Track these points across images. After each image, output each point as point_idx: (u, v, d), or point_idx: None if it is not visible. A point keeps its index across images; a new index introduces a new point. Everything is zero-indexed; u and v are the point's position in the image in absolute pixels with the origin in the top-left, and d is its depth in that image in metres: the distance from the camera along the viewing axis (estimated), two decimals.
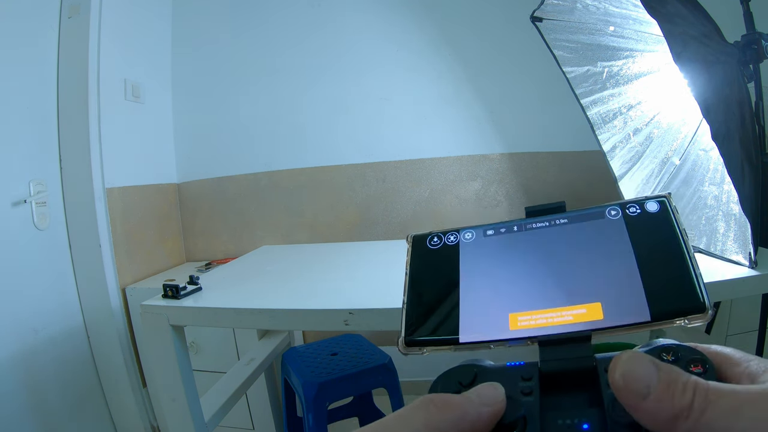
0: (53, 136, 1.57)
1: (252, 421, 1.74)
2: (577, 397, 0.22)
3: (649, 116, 1.15)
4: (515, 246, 0.29)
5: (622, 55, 1.13)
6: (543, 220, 0.29)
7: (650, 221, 0.27)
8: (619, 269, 0.25)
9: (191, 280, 1.11)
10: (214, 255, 2.05)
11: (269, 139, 1.98)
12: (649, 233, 0.26)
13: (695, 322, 0.23)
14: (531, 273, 0.27)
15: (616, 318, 0.24)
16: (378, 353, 1.30)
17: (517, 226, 0.30)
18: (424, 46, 1.86)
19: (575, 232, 0.28)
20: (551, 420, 0.21)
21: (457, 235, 0.31)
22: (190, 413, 1.05)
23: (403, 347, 0.27)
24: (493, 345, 0.25)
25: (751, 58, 0.90)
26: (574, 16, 1.13)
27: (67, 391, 1.51)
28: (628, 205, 0.28)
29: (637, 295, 0.24)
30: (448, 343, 0.26)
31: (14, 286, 1.38)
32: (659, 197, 0.28)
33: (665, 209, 0.27)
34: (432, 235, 0.31)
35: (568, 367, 0.23)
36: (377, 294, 1.01)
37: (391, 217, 1.91)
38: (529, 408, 0.21)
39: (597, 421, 0.20)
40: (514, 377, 0.23)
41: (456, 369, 0.24)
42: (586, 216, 0.29)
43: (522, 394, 0.22)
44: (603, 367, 0.22)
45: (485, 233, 0.30)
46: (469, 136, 1.86)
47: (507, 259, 0.28)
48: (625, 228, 0.27)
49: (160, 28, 1.98)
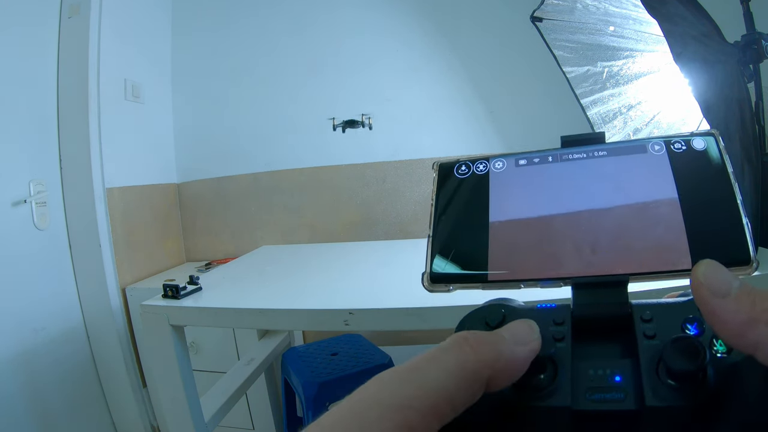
0: (53, 136, 1.57)
1: (252, 421, 1.74)
2: (610, 346, 0.21)
3: (649, 116, 1.15)
4: (549, 178, 0.27)
5: (622, 55, 1.13)
6: (580, 151, 0.27)
7: (697, 159, 0.25)
8: (660, 210, 0.24)
9: (191, 280, 1.11)
10: (214, 255, 2.05)
11: (269, 139, 1.98)
12: (696, 172, 0.24)
13: (739, 275, 0.21)
14: (566, 209, 0.25)
15: (655, 263, 0.22)
16: (378, 353, 1.30)
17: (552, 156, 0.27)
18: (425, 45, 1.86)
19: (615, 165, 0.26)
20: (583, 369, 0.20)
21: (487, 164, 0.28)
22: (190, 413, 1.04)
23: (429, 283, 0.26)
24: (524, 284, 0.24)
25: (751, 58, 0.90)
26: (574, 16, 1.13)
27: (67, 391, 1.51)
28: (674, 140, 0.26)
29: (679, 240, 0.22)
30: (476, 280, 0.25)
31: (14, 286, 1.38)
32: (708, 133, 0.25)
33: (713, 148, 0.25)
34: (460, 163, 0.29)
35: (602, 312, 0.22)
36: (377, 294, 1.01)
37: (391, 217, 1.91)
38: (560, 354, 0.20)
39: (630, 374, 0.19)
40: (545, 320, 0.22)
41: (483, 308, 0.23)
42: (628, 149, 0.26)
43: (554, 339, 0.21)
44: (639, 315, 0.21)
45: (517, 163, 0.28)
46: (470, 136, 1.86)
47: (540, 193, 0.26)
48: (669, 164, 0.25)
49: (160, 28, 1.98)
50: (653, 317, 0.21)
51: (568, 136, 0.28)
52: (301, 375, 1.20)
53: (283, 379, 1.40)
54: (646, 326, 0.20)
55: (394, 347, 1.73)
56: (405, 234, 1.85)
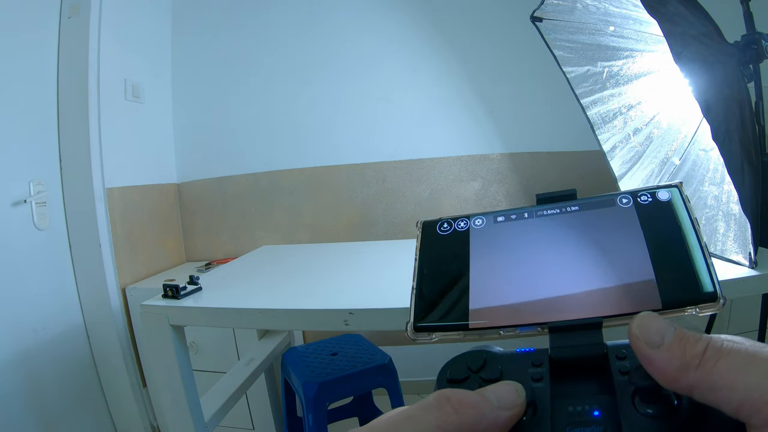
0: (53, 136, 1.57)
1: (252, 421, 1.74)
2: (587, 385, 0.22)
3: (649, 116, 1.15)
4: (526, 233, 0.29)
5: (622, 55, 1.13)
6: (554, 207, 0.29)
7: (662, 210, 0.27)
8: (630, 257, 0.25)
9: (191, 280, 1.11)
10: (214, 255, 2.05)
11: (269, 139, 1.98)
12: (661, 222, 0.26)
13: (707, 311, 0.23)
14: (541, 260, 0.27)
15: (627, 305, 0.24)
16: (378, 353, 1.30)
17: (527, 213, 0.29)
18: (425, 46, 1.86)
19: (586, 219, 0.28)
20: (562, 407, 0.21)
21: (468, 221, 0.30)
22: (190, 413, 1.04)
23: (412, 333, 0.27)
24: (503, 331, 0.25)
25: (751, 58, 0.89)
26: (574, 16, 1.13)
27: (67, 391, 1.51)
28: (640, 193, 0.28)
29: (649, 283, 0.24)
30: (457, 329, 0.26)
31: (14, 285, 1.38)
32: (671, 186, 0.27)
33: (677, 198, 0.27)
34: (442, 222, 0.31)
35: (578, 354, 0.23)
36: (377, 294, 1.01)
37: (391, 217, 1.91)
38: (539, 394, 0.21)
39: (608, 408, 0.20)
40: (523, 363, 0.23)
41: (465, 355, 0.24)
42: (597, 203, 0.28)
43: (532, 380, 0.22)
44: (614, 354, 0.22)
45: (495, 220, 0.30)
46: (469, 136, 1.86)
47: (517, 246, 0.28)
48: (636, 216, 0.27)
49: (160, 28, 1.98)
50: (628, 355, 0.22)
51: (542, 194, 0.30)
52: (301, 375, 1.20)
53: (283, 379, 1.40)
54: (620, 363, 0.22)
55: (394, 347, 1.73)
56: (405, 234, 1.85)
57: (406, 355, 1.75)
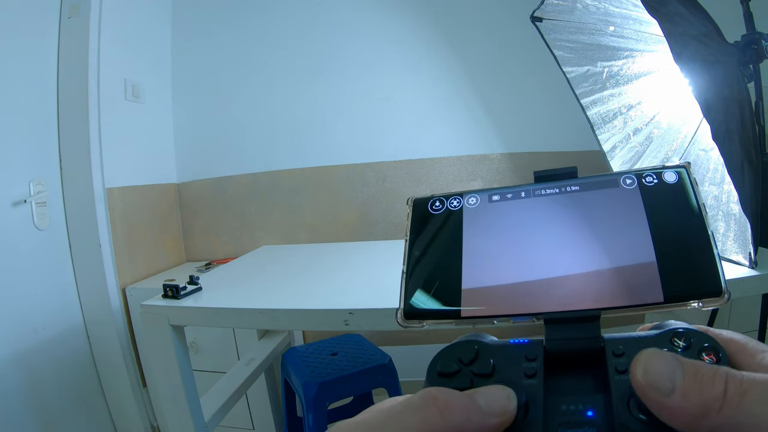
0: (53, 136, 1.57)
1: (252, 421, 1.74)
2: (582, 381, 0.21)
3: (649, 116, 1.15)
4: (522, 214, 0.27)
5: (622, 55, 1.13)
6: (552, 186, 0.27)
7: (668, 193, 0.25)
8: (632, 244, 0.24)
9: (191, 280, 1.11)
10: (214, 255, 2.05)
11: (269, 139, 1.98)
12: (666, 206, 0.24)
13: (710, 305, 0.21)
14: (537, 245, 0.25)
15: (626, 297, 0.22)
16: (378, 353, 1.30)
17: (524, 192, 0.28)
18: (424, 46, 1.86)
19: (586, 200, 0.26)
20: (555, 404, 0.20)
21: (461, 199, 0.29)
22: (190, 413, 1.04)
23: (402, 320, 0.26)
24: (497, 320, 0.24)
25: (751, 58, 0.90)
26: (574, 16, 1.13)
27: (67, 391, 1.51)
28: (645, 173, 0.26)
29: (651, 274, 0.22)
30: (449, 317, 0.25)
31: (14, 285, 1.38)
32: (678, 167, 0.25)
33: (684, 180, 0.25)
34: (434, 199, 0.29)
35: (574, 347, 0.22)
36: (377, 294, 1.01)
37: (391, 217, 1.91)
38: (532, 392, 0.20)
39: (602, 408, 0.19)
40: (517, 356, 0.22)
41: (456, 345, 0.23)
42: (599, 183, 0.26)
43: (525, 376, 0.21)
44: (611, 350, 0.21)
45: (491, 198, 0.28)
46: (469, 136, 1.86)
47: (513, 228, 0.26)
48: (640, 198, 0.25)
49: (160, 28, 1.98)
50: (625, 351, 0.21)
51: (540, 171, 0.28)
52: (301, 375, 1.20)
53: (283, 379, 1.40)
54: (617, 361, 0.21)
55: (394, 347, 1.73)
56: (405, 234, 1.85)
57: (406, 355, 1.75)
